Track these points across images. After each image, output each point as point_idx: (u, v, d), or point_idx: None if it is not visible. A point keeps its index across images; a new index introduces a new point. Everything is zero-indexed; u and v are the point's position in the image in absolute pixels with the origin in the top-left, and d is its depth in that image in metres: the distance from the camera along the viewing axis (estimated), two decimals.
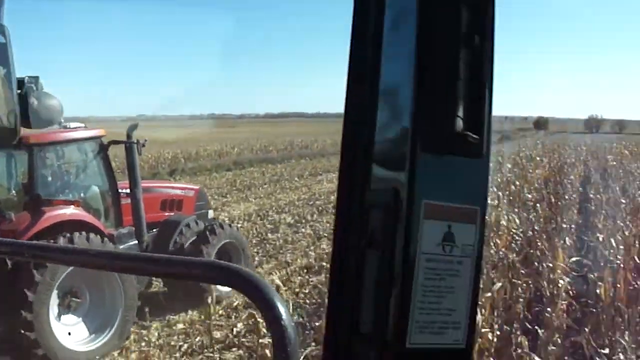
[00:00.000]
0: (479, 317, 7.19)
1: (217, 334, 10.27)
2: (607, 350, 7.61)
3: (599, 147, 45.05)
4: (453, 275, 1.22)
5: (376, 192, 1.25)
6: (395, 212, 1.19)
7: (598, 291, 9.15)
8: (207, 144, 46.70)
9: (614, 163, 29.90)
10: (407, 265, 1.18)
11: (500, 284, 8.90)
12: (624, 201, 15.87)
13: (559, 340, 8.06)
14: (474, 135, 1.21)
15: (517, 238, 12.39)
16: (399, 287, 1.20)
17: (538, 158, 33.43)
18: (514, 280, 9.99)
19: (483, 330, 7.56)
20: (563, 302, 8.61)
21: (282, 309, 1.18)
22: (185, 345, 9.89)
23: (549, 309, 8.45)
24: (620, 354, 7.34)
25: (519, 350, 7.21)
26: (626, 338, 7.74)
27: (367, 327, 1.25)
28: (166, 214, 11.89)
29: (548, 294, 9.03)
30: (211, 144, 47.02)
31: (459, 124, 1.19)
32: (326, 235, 16.98)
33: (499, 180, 21.29)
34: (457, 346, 1.24)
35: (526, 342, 7.27)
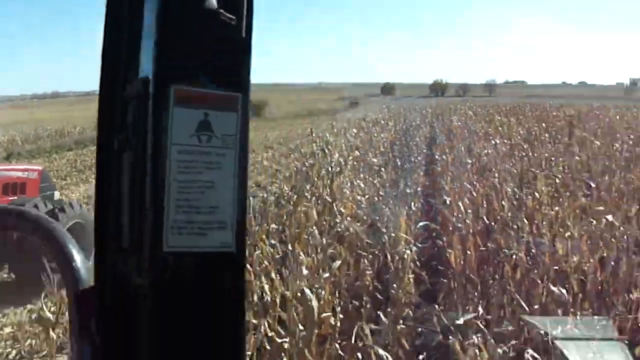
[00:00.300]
0: (315, 303, 6.35)
1: (52, 334, 9.04)
2: (461, 321, 6.96)
3: (444, 110, 47.08)
4: (213, 168, 1.06)
5: (132, 85, 1.10)
6: (145, 102, 1.03)
7: (447, 258, 8.56)
8: (47, 123, 46.75)
9: (459, 124, 30.83)
10: (158, 160, 1.03)
11: (340, 262, 8.09)
12: (470, 161, 15.75)
13: (411, 314, 7.38)
14: (230, 15, 1.05)
15: (362, 205, 11.74)
16: (150, 186, 1.04)
17: (383, 122, 34.11)
18: (359, 251, 9.27)
19: (324, 314, 6.73)
20: (410, 275, 7.94)
21: (76, 255, 1.13)
22: (14, 352, 8.58)
23: (395, 284, 7.73)
24: (474, 325, 6.70)
25: (362, 344, 6.38)
26: (479, 307, 7.15)
27: (126, 239, 1.10)
28: (9, 198, 11.02)
29: (393, 267, 8.30)
30: (52, 123, 47.36)
31: (212, 2, 1.04)
32: None
33: (343, 146, 21.24)
34: (225, 249, 1.07)
35: (368, 329, 6.42)
